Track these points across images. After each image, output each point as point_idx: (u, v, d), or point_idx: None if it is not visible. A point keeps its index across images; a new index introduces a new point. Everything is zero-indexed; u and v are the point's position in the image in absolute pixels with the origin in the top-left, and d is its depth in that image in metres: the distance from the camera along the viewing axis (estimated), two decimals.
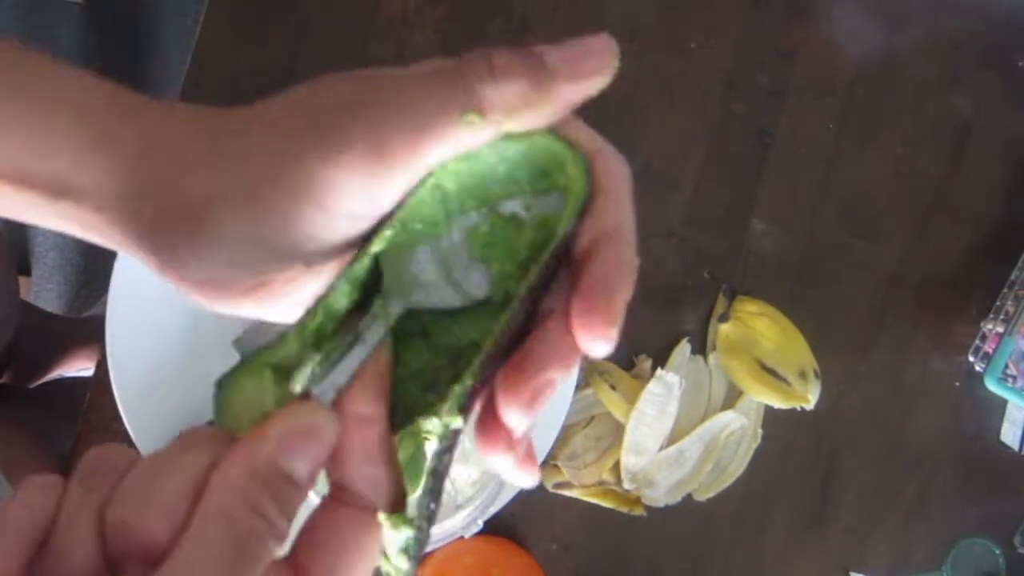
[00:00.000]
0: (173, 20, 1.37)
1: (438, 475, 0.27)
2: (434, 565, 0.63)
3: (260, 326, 0.42)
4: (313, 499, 0.28)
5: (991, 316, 0.68)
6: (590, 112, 0.27)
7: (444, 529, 0.54)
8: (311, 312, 0.27)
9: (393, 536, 0.26)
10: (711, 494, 0.67)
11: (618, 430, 0.65)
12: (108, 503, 0.22)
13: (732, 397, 0.68)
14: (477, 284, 0.30)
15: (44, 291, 1.32)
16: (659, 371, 0.65)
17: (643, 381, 0.65)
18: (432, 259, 0.30)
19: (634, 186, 0.73)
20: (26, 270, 1.32)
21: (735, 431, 0.66)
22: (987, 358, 0.66)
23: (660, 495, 0.66)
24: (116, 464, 0.23)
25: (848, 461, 0.69)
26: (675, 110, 0.68)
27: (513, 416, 0.26)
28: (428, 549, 0.61)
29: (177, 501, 0.22)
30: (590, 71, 0.26)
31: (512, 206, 0.30)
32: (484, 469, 0.56)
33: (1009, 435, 0.69)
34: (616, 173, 0.29)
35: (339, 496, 0.25)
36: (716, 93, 0.68)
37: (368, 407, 0.25)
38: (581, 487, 0.65)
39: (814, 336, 0.67)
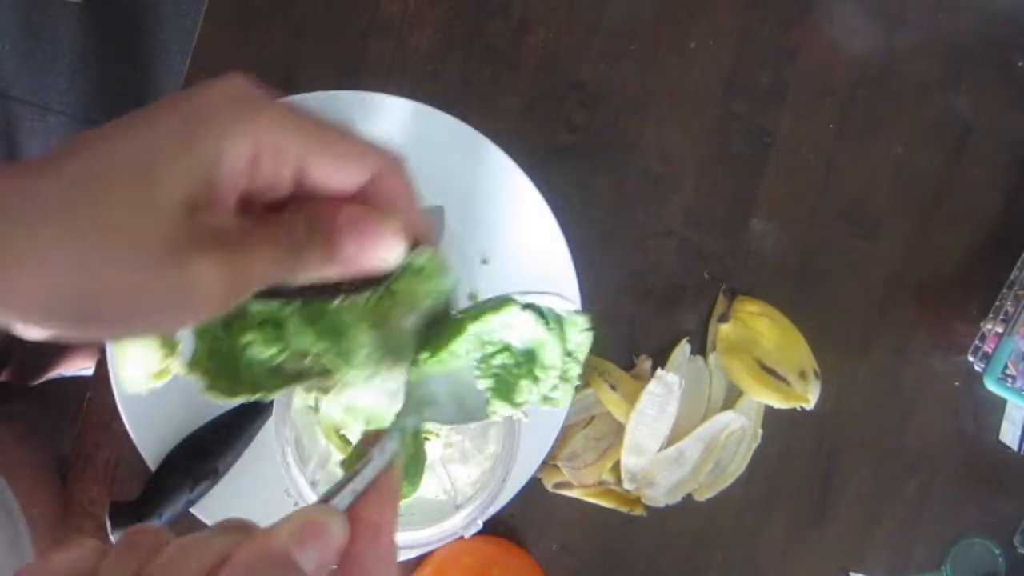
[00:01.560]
0: (173, 20, 1.37)
1: None
2: (434, 565, 0.63)
3: None
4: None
5: (991, 316, 0.68)
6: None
7: (444, 529, 0.54)
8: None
9: None
10: (711, 494, 0.67)
11: (618, 430, 0.65)
12: (140, 573, 0.25)
13: (732, 397, 0.68)
14: (478, 409, 0.37)
15: None
16: (659, 371, 0.65)
17: (643, 381, 0.65)
18: (447, 384, 0.36)
19: (634, 186, 0.73)
20: None
21: (735, 431, 0.66)
22: (987, 358, 0.66)
23: (660, 495, 0.66)
24: (151, 543, 0.26)
25: (848, 461, 0.69)
26: (675, 110, 0.68)
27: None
28: (428, 549, 0.61)
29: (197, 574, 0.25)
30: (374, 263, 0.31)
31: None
32: (484, 469, 0.56)
33: (1009, 435, 0.69)
34: (401, 185, 0.32)
35: None
36: (716, 93, 0.68)
37: (382, 516, 0.29)
38: (581, 487, 0.65)
39: (814, 336, 0.67)
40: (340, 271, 0.31)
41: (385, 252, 0.31)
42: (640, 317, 0.67)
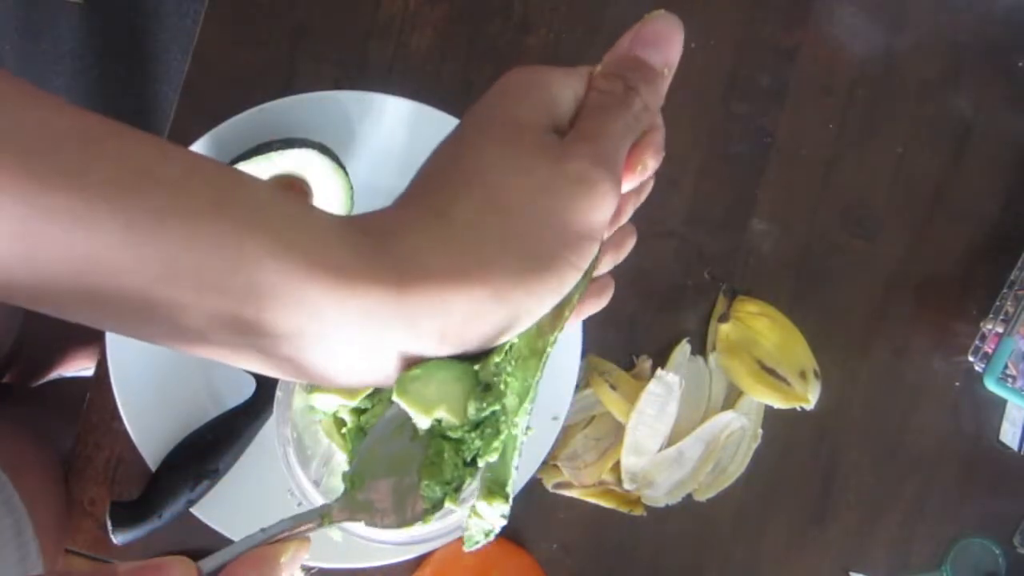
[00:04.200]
0: (173, 20, 1.37)
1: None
2: (434, 565, 0.63)
3: None
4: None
5: (991, 316, 0.68)
6: None
7: (449, 523, 0.54)
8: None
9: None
10: (711, 494, 0.67)
11: (618, 430, 0.65)
12: None
13: (732, 397, 0.68)
14: (416, 511, 0.35)
15: None
16: (659, 371, 0.65)
17: (643, 381, 0.65)
18: (393, 490, 0.35)
19: None
20: None
21: (735, 431, 0.66)
22: (987, 358, 0.66)
23: (660, 495, 0.66)
24: None
25: (848, 461, 0.69)
26: (675, 110, 0.68)
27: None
28: (434, 546, 0.61)
29: None
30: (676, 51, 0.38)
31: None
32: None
33: (1009, 435, 0.69)
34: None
35: None
36: (716, 93, 0.68)
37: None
38: (581, 487, 0.65)
39: (814, 336, 0.67)
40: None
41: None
42: (640, 317, 0.67)
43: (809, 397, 0.66)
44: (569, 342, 0.63)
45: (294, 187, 0.59)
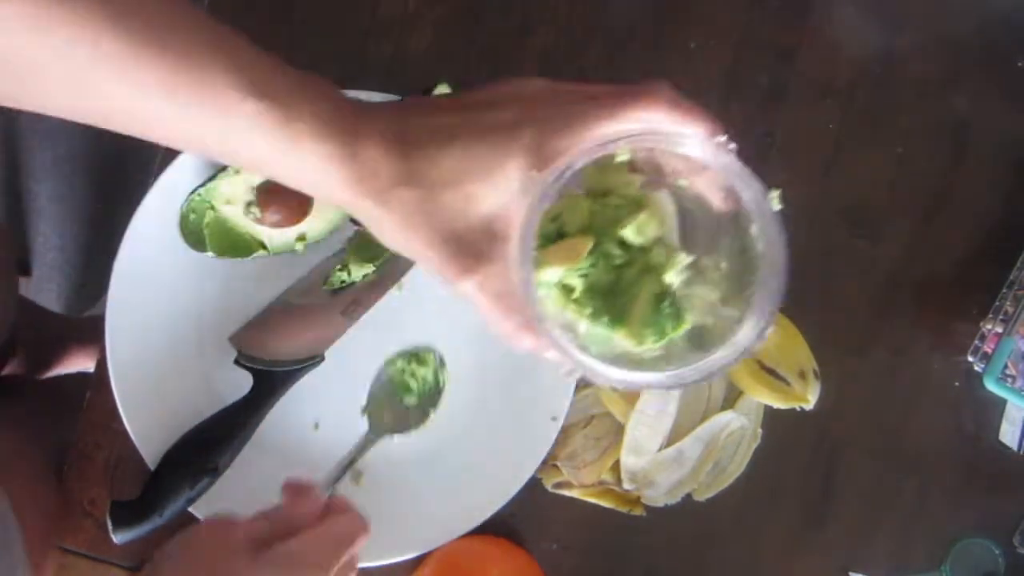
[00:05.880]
0: None
1: None
2: (434, 565, 0.63)
3: (256, 325, 0.43)
4: None
5: (991, 316, 0.68)
6: None
7: (737, 346, 0.40)
8: None
9: None
10: (711, 494, 0.67)
11: (618, 430, 0.65)
12: None
13: (732, 397, 0.68)
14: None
15: (44, 291, 1.32)
16: None
17: None
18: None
19: None
20: (26, 269, 1.32)
21: (735, 431, 0.66)
22: (986, 358, 0.66)
23: (660, 495, 0.66)
24: None
25: (848, 461, 0.69)
26: None
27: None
28: (431, 548, 0.61)
29: None
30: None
31: None
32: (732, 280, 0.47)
33: (1008, 435, 0.69)
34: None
35: None
36: (716, 93, 0.68)
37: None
38: (581, 487, 0.65)
39: (814, 336, 0.67)
40: None
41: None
42: None
43: (809, 397, 0.66)
44: None
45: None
